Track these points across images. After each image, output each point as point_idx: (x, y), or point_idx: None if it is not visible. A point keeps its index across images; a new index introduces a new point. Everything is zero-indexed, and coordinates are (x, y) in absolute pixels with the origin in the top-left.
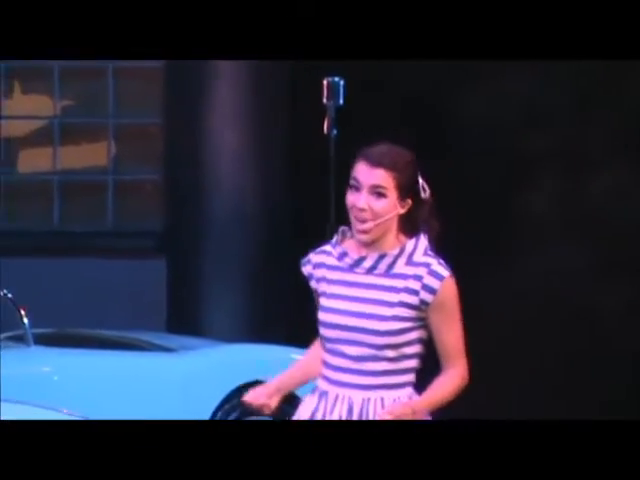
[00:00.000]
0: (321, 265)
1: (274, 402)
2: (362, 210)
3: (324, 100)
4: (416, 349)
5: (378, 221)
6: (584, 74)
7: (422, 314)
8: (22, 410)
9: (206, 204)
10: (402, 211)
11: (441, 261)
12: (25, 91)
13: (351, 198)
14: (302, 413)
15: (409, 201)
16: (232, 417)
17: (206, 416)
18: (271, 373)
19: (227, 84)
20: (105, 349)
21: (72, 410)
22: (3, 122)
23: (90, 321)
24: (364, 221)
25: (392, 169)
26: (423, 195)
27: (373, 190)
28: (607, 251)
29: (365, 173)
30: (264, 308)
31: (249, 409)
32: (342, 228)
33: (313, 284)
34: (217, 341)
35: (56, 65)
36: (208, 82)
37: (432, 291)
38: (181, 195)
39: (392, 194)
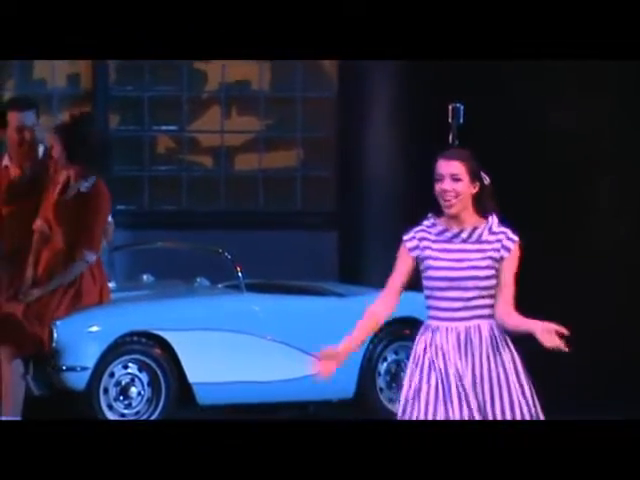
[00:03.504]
0: (424, 239)
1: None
2: (448, 192)
3: (449, 120)
4: (494, 291)
5: (459, 198)
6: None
7: (498, 266)
8: (238, 337)
9: (365, 192)
10: (474, 190)
11: (512, 231)
12: (239, 114)
13: (438, 187)
14: (419, 347)
15: (477, 183)
16: (382, 345)
17: (365, 344)
18: (409, 311)
19: (376, 108)
20: (295, 294)
21: (274, 336)
22: (225, 135)
23: (284, 275)
24: (449, 199)
25: (462, 160)
26: (486, 182)
27: (452, 177)
28: None
29: (444, 166)
30: None
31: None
32: (430, 214)
33: (417, 252)
34: (375, 289)
35: (262, 95)
36: (363, 106)
37: (508, 250)
38: (347, 186)
39: (465, 178)
